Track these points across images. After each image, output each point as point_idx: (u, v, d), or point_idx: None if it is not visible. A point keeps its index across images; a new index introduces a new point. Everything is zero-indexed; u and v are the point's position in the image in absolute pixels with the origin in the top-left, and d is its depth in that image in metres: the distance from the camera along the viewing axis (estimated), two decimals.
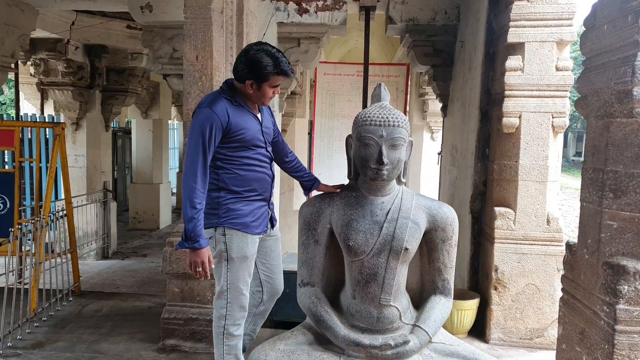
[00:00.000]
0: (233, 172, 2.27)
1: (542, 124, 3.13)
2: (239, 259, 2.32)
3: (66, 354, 2.85)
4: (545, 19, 3.07)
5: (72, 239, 3.87)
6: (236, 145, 2.25)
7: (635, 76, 1.64)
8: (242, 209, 2.31)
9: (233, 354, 2.44)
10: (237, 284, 2.35)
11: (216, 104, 2.18)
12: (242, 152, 2.28)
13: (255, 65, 2.16)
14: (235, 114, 2.22)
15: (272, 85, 2.24)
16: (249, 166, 2.31)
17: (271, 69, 2.17)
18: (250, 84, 2.21)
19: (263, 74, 2.17)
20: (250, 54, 2.19)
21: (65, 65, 6.58)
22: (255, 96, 2.27)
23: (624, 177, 1.73)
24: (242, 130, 2.24)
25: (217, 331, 2.40)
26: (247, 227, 2.33)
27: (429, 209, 2.66)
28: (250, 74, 2.18)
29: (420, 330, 2.55)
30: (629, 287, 1.68)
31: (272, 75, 2.19)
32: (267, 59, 2.17)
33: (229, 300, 2.35)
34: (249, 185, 2.32)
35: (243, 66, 2.20)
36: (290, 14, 4.43)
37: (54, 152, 3.56)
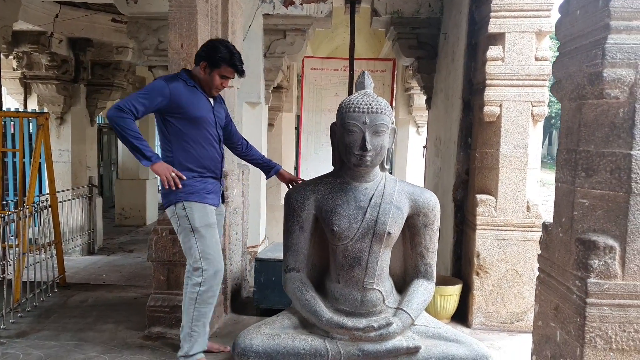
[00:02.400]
0: (185, 150, 2.50)
1: (522, 112, 3.20)
2: (204, 227, 2.50)
3: (51, 342, 2.85)
4: (525, 10, 3.14)
5: (57, 230, 3.86)
6: (186, 120, 2.48)
7: (605, 58, 1.70)
8: (197, 184, 2.52)
9: (202, 321, 2.54)
10: (209, 252, 2.51)
11: (172, 81, 2.48)
12: (193, 130, 2.51)
13: (212, 50, 2.48)
14: (187, 93, 2.49)
15: (221, 75, 2.52)
16: (199, 144, 2.53)
17: (224, 57, 2.47)
18: (204, 66, 2.49)
19: (216, 59, 2.47)
20: (212, 42, 2.56)
21: (49, 59, 6.52)
22: (204, 81, 2.54)
23: (595, 156, 1.80)
24: (191, 107, 2.48)
25: (190, 297, 2.52)
26: (204, 198, 2.54)
27: (412, 195, 2.71)
28: (206, 57, 2.48)
29: (403, 313, 2.60)
30: (599, 262, 1.75)
31: (223, 64, 2.48)
32: (224, 50, 2.50)
33: (204, 268, 2.50)
34: (201, 163, 2.55)
35: (202, 49, 2.53)
36: (276, 5, 4.46)
37: (38, 142, 3.54)
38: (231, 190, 3.42)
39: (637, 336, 1.74)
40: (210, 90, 2.57)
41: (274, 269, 3.42)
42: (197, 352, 2.57)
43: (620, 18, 1.67)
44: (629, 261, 1.73)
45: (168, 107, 2.43)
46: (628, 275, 1.74)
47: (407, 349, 2.52)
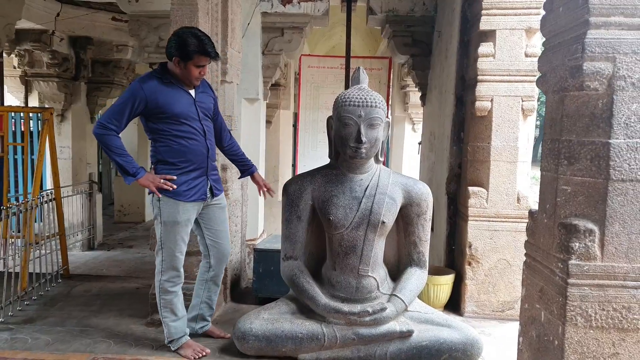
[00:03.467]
0: (167, 145, 2.51)
1: (513, 107, 3.31)
2: (170, 223, 2.54)
3: (57, 328, 2.95)
4: (515, 8, 3.25)
5: (61, 222, 3.95)
6: (167, 119, 2.48)
7: (585, 52, 1.80)
8: (176, 179, 2.52)
9: (169, 308, 2.64)
10: (169, 246, 2.57)
11: (146, 81, 2.47)
12: (174, 126, 2.50)
13: (181, 44, 2.42)
14: (163, 91, 2.47)
15: (196, 65, 2.46)
16: (182, 139, 2.53)
17: (195, 48, 2.41)
18: (177, 62, 2.44)
19: (187, 51, 2.41)
20: (178, 34, 2.46)
21: (50, 57, 6.61)
22: (182, 74, 2.49)
23: (577, 145, 1.90)
24: (169, 105, 2.47)
25: (156, 285, 2.65)
26: (178, 195, 2.54)
27: (405, 186, 2.83)
28: (176, 52, 2.42)
29: (397, 299, 2.72)
30: (579, 244, 1.85)
31: (195, 54, 2.42)
32: (193, 40, 2.42)
33: (163, 258, 2.59)
34: (184, 157, 2.54)
35: (171, 44, 2.45)
36: (274, 4, 4.56)
37: (43, 137, 3.64)
38: (231, 183, 3.52)
39: (615, 314, 1.84)
40: (190, 82, 2.53)
41: (273, 259, 3.52)
42: (178, 336, 2.65)
43: (598, 14, 1.78)
44: (607, 244, 1.83)
45: (147, 109, 2.44)
46: (606, 257, 1.84)
47: (400, 333, 2.63)
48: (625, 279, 1.81)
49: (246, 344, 2.62)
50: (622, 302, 1.82)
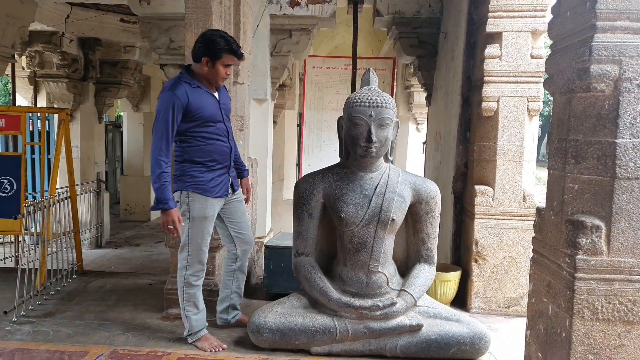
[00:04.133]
0: (196, 145, 2.64)
1: (519, 107, 3.39)
2: (199, 218, 2.67)
3: (76, 322, 3.03)
4: (521, 10, 3.32)
5: (75, 220, 4.04)
6: (197, 122, 2.60)
7: (592, 55, 1.88)
8: (204, 176, 2.66)
9: (192, 301, 2.75)
10: (197, 241, 2.69)
11: (177, 87, 2.54)
12: (202, 128, 2.63)
13: (210, 44, 2.55)
14: (193, 95, 2.56)
15: (224, 64, 2.60)
16: (209, 140, 2.66)
17: (223, 47, 2.55)
18: (206, 62, 2.56)
19: (216, 51, 2.54)
20: (206, 36, 2.59)
21: (60, 58, 6.69)
22: (210, 74, 2.61)
23: (583, 144, 1.98)
24: (201, 109, 2.58)
25: (179, 280, 2.74)
26: (207, 191, 2.67)
27: (414, 184, 2.91)
28: (205, 52, 2.55)
29: (406, 294, 2.80)
30: (586, 240, 1.93)
31: (224, 53, 2.56)
32: (221, 40, 2.56)
33: (189, 253, 2.70)
34: (210, 156, 2.67)
35: (199, 45, 2.57)
36: (282, 6, 4.63)
37: (59, 136, 3.72)
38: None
39: (621, 307, 1.92)
40: (216, 82, 2.65)
41: (283, 256, 3.60)
42: (198, 329, 2.77)
43: (605, 19, 1.85)
44: (613, 239, 1.91)
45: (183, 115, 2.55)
46: (613, 252, 1.91)
47: (410, 326, 2.71)
48: (630, 273, 1.89)
49: (260, 337, 2.71)
50: (627, 295, 1.89)
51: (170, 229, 2.56)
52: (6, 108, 4.03)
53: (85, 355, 2.59)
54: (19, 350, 2.65)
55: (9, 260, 5.31)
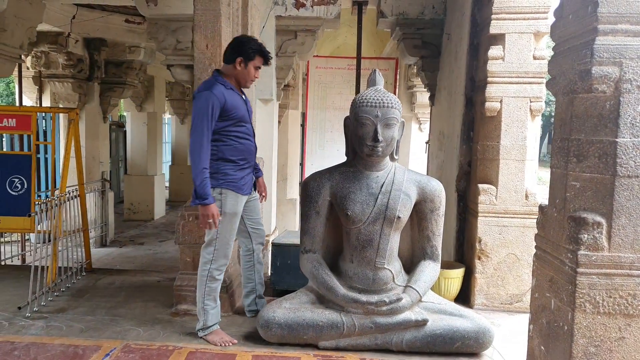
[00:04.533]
0: (229, 144, 2.77)
1: (521, 107, 3.45)
2: (230, 214, 2.80)
3: (88, 317, 3.10)
4: (524, 12, 3.39)
5: (84, 218, 4.10)
6: (231, 121, 2.74)
7: (594, 57, 1.94)
8: (236, 174, 2.80)
9: (212, 295, 2.85)
10: (226, 235, 2.81)
11: (214, 87, 2.67)
12: (235, 127, 2.77)
13: (244, 45, 2.75)
14: (229, 96, 2.71)
15: (255, 66, 2.79)
16: (241, 139, 2.81)
17: (256, 49, 2.76)
18: (240, 62, 2.73)
19: (249, 52, 2.73)
20: (240, 39, 2.84)
21: (65, 58, 6.76)
22: (241, 74, 2.78)
23: (585, 143, 2.04)
24: (235, 109, 2.74)
25: (202, 274, 2.82)
26: (239, 189, 2.82)
27: (419, 183, 2.97)
28: (239, 52, 2.73)
29: (411, 290, 2.86)
30: (588, 236, 1.99)
31: (256, 55, 2.75)
32: (253, 43, 2.79)
33: (216, 247, 2.80)
34: (242, 155, 2.83)
35: (234, 47, 2.77)
36: (287, 7, 4.70)
37: (69, 135, 3.79)
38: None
39: (622, 301, 1.98)
40: (245, 82, 2.82)
41: (289, 253, 3.67)
42: (213, 323, 2.85)
43: (606, 22, 1.92)
44: (614, 235, 1.97)
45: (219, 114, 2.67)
46: (613, 247, 1.98)
47: (415, 321, 2.77)
48: (631, 268, 1.95)
49: (269, 332, 2.77)
50: (627, 289, 1.96)
51: (209, 223, 2.64)
52: (17, 108, 4.10)
53: (98, 349, 2.66)
54: (34, 344, 2.71)
55: (16, 259, 5.38)
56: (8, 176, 3.70)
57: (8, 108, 4.12)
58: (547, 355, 2.21)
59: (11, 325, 2.98)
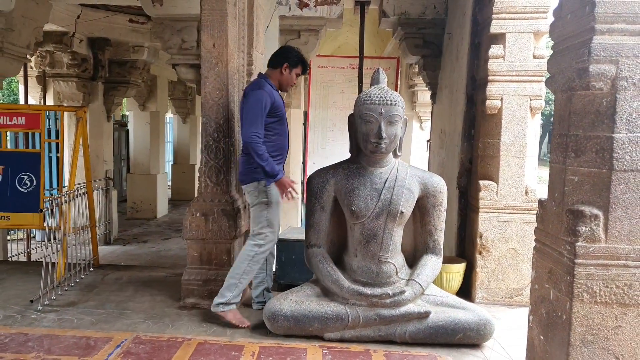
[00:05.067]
0: (273, 140, 3.06)
1: (521, 105, 3.52)
2: (276, 203, 3.07)
3: (98, 311, 3.17)
4: (524, 12, 3.46)
5: (92, 214, 4.18)
6: (277, 119, 3.06)
7: (591, 56, 2.01)
8: (277, 167, 3.06)
9: (250, 276, 3.07)
10: (274, 223, 3.09)
11: (265, 87, 3.03)
12: (279, 125, 3.09)
13: (290, 53, 3.12)
14: (276, 96, 3.06)
15: (296, 73, 3.13)
16: (282, 136, 3.13)
17: (300, 58, 3.13)
18: (286, 67, 3.09)
19: (294, 60, 3.10)
20: (286, 48, 3.21)
21: (70, 58, 6.84)
22: (284, 79, 3.12)
23: (583, 139, 2.11)
24: (280, 108, 3.07)
25: (247, 254, 3.02)
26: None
27: (422, 179, 3.05)
28: (286, 59, 3.09)
29: (414, 283, 2.94)
30: (585, 228, 2.06)
31: (299, 64, 3.12)
32: (297, 53, 3.16)
33: (266, 233, 3.05)
34: (281, 151, 3.17)
35: (281, 54, 3.13)
36: (291, 7, 4.78)
37: (77, 133, 3.86)
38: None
39: (618, 291, 2.05)
40: (287, 86, 3.14)
41: (294, 249, 3.74)
42: (234, 301, 3.02)
43: (603, 22, 1.98)
44: (611, 227, 2.04)
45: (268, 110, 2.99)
46: (610, 239, 2.05)
47: (418, 314, 2.85)
48: (627, 259, 2.02)
49: (276, 324, 2.84)
50: (624, 279, 2.03)
51: (289, 192, 2.94)
52: (26, 107, 4.17)
53: (110, 341, 2.73)
54: (47, 336, 2.79)
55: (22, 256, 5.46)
56: (18, 173, 3.77)
57: (17, 107, 4.20)
58: (546, 345, 2.28)
59: (24, 317, 3.05)
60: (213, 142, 3.29)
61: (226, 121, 3.29)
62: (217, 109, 3.29)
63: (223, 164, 3.30)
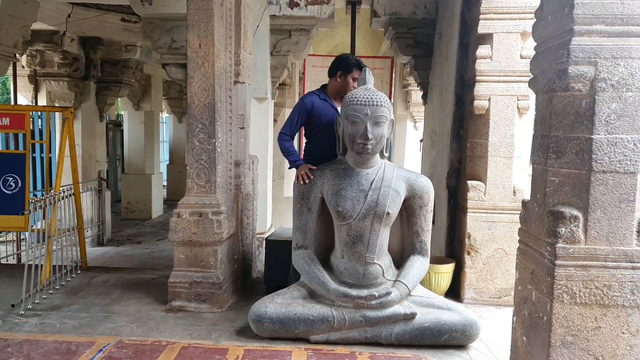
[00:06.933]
0: (312, 145, 3.37)
1: (509, 105, 3.52)
2: None
3: (82, 314, 3.16)
4: (511, 12, 3.45)
5: (79, 216, 4.15)
6: (317, 127, 3.30)
7: (570, 57, 2.00)
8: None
9: None
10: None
11: (307, 97, 3.35)
12: (323, 132, 3.27)
13: (343, 61, 3.31)
14: (320, 105, 3.28)
15: (353, 78, 3.27)
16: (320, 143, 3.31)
17: (353, 63, 3.28)
18: (340, 74, 3.29)
19: (349, 66, 3.27)
20: (340, 56, 3.40)
21: (61, 57, 6.80)
22: (340, 86, 3.31)
23: (563, 140, 2.10)
24: (321, 117, 3.26)
25: None
26: None
27: (408, 179, 3.04)
28: (340, 67, 3.29)
29: (401, 284, 2.93)
30: (565, 229, 2.05)
31: (354, 68, 3.26)
32: (351, 58, 3.35)
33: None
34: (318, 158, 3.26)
35: (336, 63, 3.34)
36: (282, 7, 4.75)
37: (64, 134, 3.84)
38: (243, 178, 3.72)
39: (597, 292, 2.05)
40: (345, 92, 3.20)
41: (283, 250, 3.71)
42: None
43: (582, 23, 1.97)
44: (590, 228, 2.03)
45: (308, 118, 3.27)
46: (589, 240, 2.04)
47: (404, 315, 2.84)
48: (606, 260, 2.01)
49: (261, 326, 2.84)
50: (603, 280, 2.02)
51: (302, 175, 3.10)
52: (11, 107, 4.15)
53: (92, 345, 2.72)
54: (27, 341, 2.77)
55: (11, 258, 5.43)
56: (2, 175, 3.75)
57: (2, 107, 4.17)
58: (528, 346, 2.27)
59: (5, 322, 3.03)
60: (199, 143, 3.28)
61: (212, 122, 3.28)
62: (203, 109, 3.28)
63: (209, 166, 3.29)
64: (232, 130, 3.55)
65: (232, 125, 3.55)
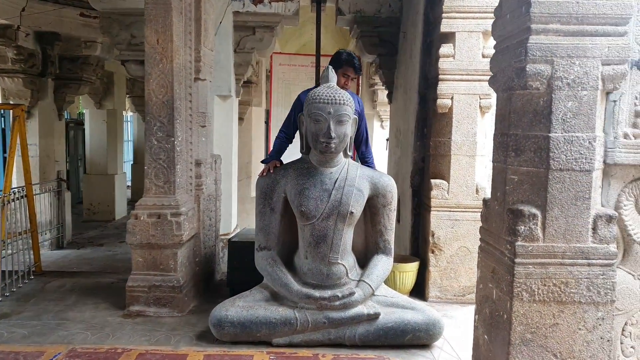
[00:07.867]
0: None
1: (471, 104, 3.55)
2: None
3: (33, 322, 2.99)
4: (473, 12, 3.48)
5: (33, 219, 3.95)
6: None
7: (527, 55, 2.01)
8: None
9: None
10: None
11: (303, 94, 3.24)
12: None
13: (335, 56, 3.30)
14: None
15: (343, 73, 3.24)
16: None
17: (344, 59, 3.26)
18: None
19: (339, 61, 3.25)
20: (337, 52, 3.36)
21: (15, 52, 6.47)
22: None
23: (522, 138, 2.11)
24: None
25: None
26: None
27: (372, 178, 3.02)
28: (331, 62, 3.24)
29: (364, 284, 2.90)
30: (524, 227, 2.06)
31: (344, 64, 3.24)
32: (344, 54, 3.30)
33: None
34: None
35: (331, 58, 3.30)
36: (245, 3, 4.66)
37: (14, 133, 3.64)
38: (204, 178, 3.62)
39: (555, 289, 2.06)
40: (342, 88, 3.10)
41: (246, 252, 3.63)
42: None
43: (538, 22, 1.98)
44: (548, 226, 2.05)
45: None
46: (548, 238, 2.06)
47: (367, 315, 2.81)
48: (563, 257, 2.03)
49: (222, 331, 2.75)
50: (560, 277, 2.04)
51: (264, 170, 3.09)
52: None
53: (41, 355, 2.57)
54: None
55: None
56: None
57: None
58: (489, 344, 2.28)
59: None
60: (157, 142, 3.17)
61: (171, 120, 3.17)
62: (162, 107, 3.17)
63: (167, 166, 3.18)
64: (192, 129, 3.44)
65: (192, 123, 3.44)
